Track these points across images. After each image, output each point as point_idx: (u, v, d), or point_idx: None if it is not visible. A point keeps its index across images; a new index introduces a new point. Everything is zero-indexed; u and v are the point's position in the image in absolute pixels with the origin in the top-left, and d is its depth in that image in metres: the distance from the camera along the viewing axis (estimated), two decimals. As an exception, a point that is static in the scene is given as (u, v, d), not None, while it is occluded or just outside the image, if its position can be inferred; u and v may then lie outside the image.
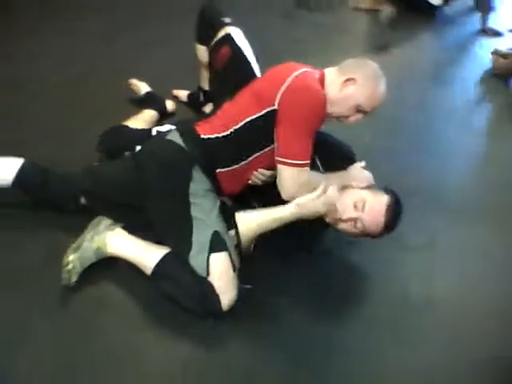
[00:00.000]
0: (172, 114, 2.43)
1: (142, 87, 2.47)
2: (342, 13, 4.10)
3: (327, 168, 1.79)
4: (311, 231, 1.80)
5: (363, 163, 1.80)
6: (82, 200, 1.76)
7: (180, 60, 2.62)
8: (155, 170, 1.62)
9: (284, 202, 1.62)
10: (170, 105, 2.43)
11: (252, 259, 1.75)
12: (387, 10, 4.18)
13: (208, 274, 1.52)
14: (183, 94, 2.54)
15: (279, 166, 1.59)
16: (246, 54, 1.97)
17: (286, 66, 1.69)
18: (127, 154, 1.87)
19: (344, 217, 1.65)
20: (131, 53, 2.97)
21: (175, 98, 2.54)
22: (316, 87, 1.60)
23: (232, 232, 1.64)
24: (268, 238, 1.74)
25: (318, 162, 1.79)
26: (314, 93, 1.58)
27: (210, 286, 1.51)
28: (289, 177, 1.58)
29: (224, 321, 1.56)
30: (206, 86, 2.31)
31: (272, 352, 1.54)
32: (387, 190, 1.71)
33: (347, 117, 1.67)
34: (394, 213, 1.66)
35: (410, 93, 3.04)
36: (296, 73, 1.62)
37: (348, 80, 1.63)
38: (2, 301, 1.55)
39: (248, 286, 1.66)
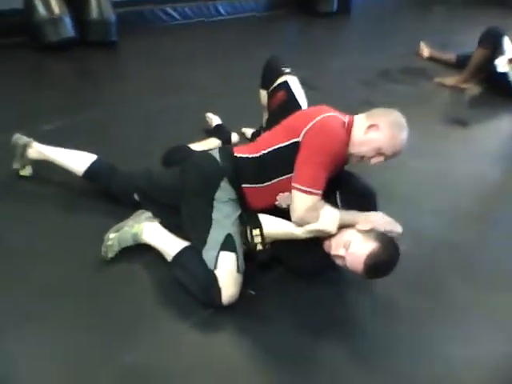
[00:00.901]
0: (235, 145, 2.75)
1: (215, 120, 2.84)
2: (425, 86, 4.28)
3: (346, 205, 1.96)
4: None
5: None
6: (135, 196, 2.10)
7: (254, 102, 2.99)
8: (192, 175, 1.92)
9: None
10: (234, 137, 2.76)
11: (264, 269, 1.97)
12: (472, 89, 4.29)
13: (215, 267, 1.76)
14: (249, 132, 2.87)
15: (293, 191, 1.81)
16: (298, 99, 2.23)
17: (319, 108, 1.94)
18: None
19: (332, 252, 1.80)
20: (217, 93, 3.42)
21: (242, 134, 2.88)
22: (336, 129, 1.83)
23: (255, 231, 1.85)
24: (286, 256, 1.96)
25: (338, 198, 1.97)
26: (333, 133, 1.81)
27: (215, 279, 1.74)
28: (299, 201, 1.79)
29: (222, 313, 1.77)
30: (266, 126, 2.62)
31: (256, 351, 1.70)
32: (382, 239, 1.74)
33: (370, 158, 1.87)
34: (376, 261, 1.70)
35: (476, 168, 3.14)
36: (324, 114, 1.87)
37: (371, 126, 1.84)
38: (54, 257, 1.92)
39: (252, 292, 1.88)
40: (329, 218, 1.80)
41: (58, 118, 2.82)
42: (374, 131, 1.84)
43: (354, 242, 1.74)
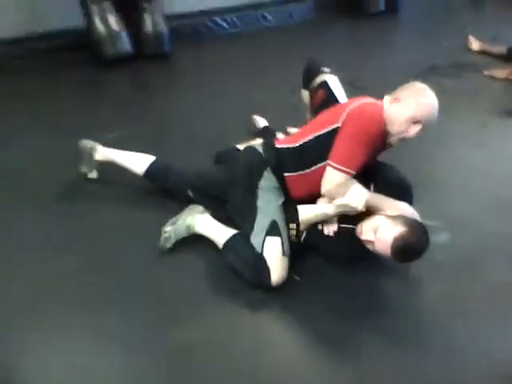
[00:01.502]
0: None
1: (261, 122, 3.00)
2: (474, 79, 4.25)
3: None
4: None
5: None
6: (189, 192, 2.28)
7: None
8: (239, 167, 2.10)
9: None
10: (280, 137, 2.90)
11: (311, 259, 2.12)
12: (523, 81, 4.22)
13: (263, 251, 1.91)
14: (294, 131, 2.99)
15: (327, 167, 1.95)
16: (338, 97, 2.35)
17: (359, 98, 2.08)
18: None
19: (362, 237, 1.90)
20: (264, 96, 3.58)
21: (287, 134, 3.01)
22: (373, 112, 1.96)
23: (292, 225, 2.00)
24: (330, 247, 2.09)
25: (372, 189, 2.05)
26: (370, 116, 1.95)
27: (264, 262, 1.89)
28: (331, 177, 1.94)
29: (269, 295, 1.91)
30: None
31: (298, 331, 1.84)
32: (410, 223, 1.81)
33: (407, 131, 1.97)
34: (403, 245, 1.77)
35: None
36: (362, 101, 2.01)
37: (393, 100, 1.98)
38: (118, 248, 2.14)
39: (297, 277, 2.01)
40: (356, 194, 1.91)
41: (118, 127, 3.06)
42: (396, 103, 1.97)
43: (382, 227, 1.83)
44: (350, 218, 1.97)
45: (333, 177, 1.93)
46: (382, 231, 1.82)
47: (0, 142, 2.90)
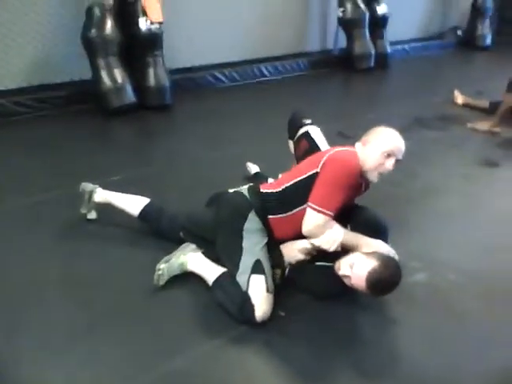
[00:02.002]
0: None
1: (254, 168, 3.20)
2: (457, 132, 4.50)
3: None
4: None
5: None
6: (181, 234, 2.44)
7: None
8: (224, 209, 2.26)
9: None
10: (270, 181, 3.09)
11: (296, 295, 2.26)
12: (505, 133, 4.44)
13: (248, 289, 2.04)
14: (282, 177, 3.19)
15: (307, 208, 2.11)
16: (319, 145, 2.52)
17: (337, 146, 2.28)
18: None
19: (339, 273, 2.04)
20: (257, 145, 3.80)
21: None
22: (350, 157, 2.15)
23: (277, 270, 2.19)
24: (312, 283, 2.24)
25: (349, 228, 2.20)
26: (347, 160, 2.13)
27: (249, 299, 2.02)
28: (311, 218, 2.09)
29: (254, 331, 2.03)
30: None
31: (281, 365, 1.93)
32: (383, 258, 1.95)
33: (382, 166, 2.14)
34: (377, 278, 1.90)
35: (503, 206, 3.28)
36: (340, 148, 2.21)
37: (363, 143, 2.21)
38: (114, 284, 2.28)
39: (282, 313, 2.14)
40: (330, 238, 2.09)
41: (123, 171, 3.28)
42: (367, 145, 2.19)
43: (357, 262, 1.98)
44: (329, 256, 2.12)
45: (312, 218, 2.09)
46: (357, 266, 1.96)
47: (3, 185, 3.10)
